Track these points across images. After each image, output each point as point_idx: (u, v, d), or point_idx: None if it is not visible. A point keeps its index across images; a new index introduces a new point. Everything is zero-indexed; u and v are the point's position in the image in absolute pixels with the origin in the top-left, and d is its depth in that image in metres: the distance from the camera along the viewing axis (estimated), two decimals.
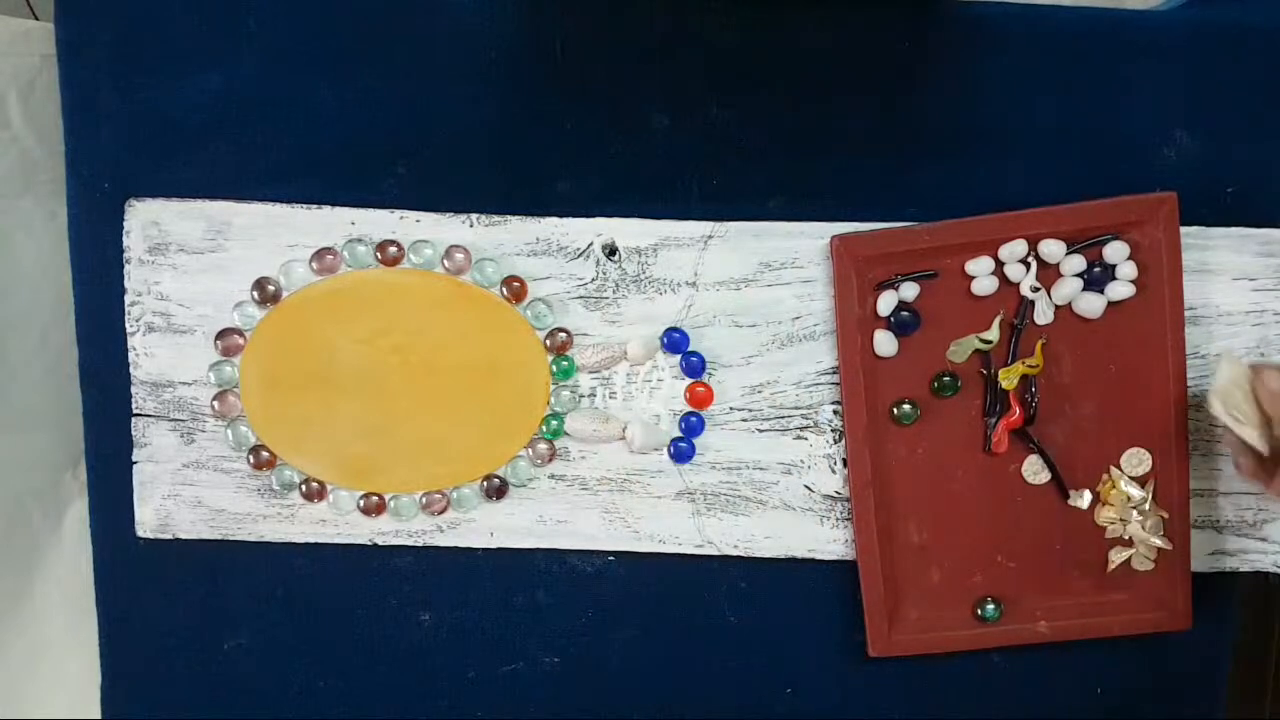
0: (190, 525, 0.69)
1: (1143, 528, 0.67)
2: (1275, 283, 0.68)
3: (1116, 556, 0.68)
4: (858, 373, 0.66)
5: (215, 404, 0.67)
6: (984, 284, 0.66)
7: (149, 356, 0.67)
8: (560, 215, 0.67)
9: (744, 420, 0.68)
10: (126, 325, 0.67)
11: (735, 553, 0.69)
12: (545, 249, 0.67)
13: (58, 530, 0.73)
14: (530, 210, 0.67)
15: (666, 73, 0.67)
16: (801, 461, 0.68)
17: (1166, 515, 0.67)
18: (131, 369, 0.67)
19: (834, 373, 0.68)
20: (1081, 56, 0.67)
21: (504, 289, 0.66)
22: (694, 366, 0.67)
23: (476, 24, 0.66)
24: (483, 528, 0.69)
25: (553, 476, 0.69)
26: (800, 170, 0.68)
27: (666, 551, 0.69)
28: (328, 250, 0.66)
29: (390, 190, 0.67)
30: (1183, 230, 0.65)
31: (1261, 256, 0.67)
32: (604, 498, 0.69)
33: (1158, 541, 0.67)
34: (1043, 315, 0.66)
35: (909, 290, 0.66)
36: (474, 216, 0.66)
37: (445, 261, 0.66)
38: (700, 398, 0.67)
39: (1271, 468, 0.58)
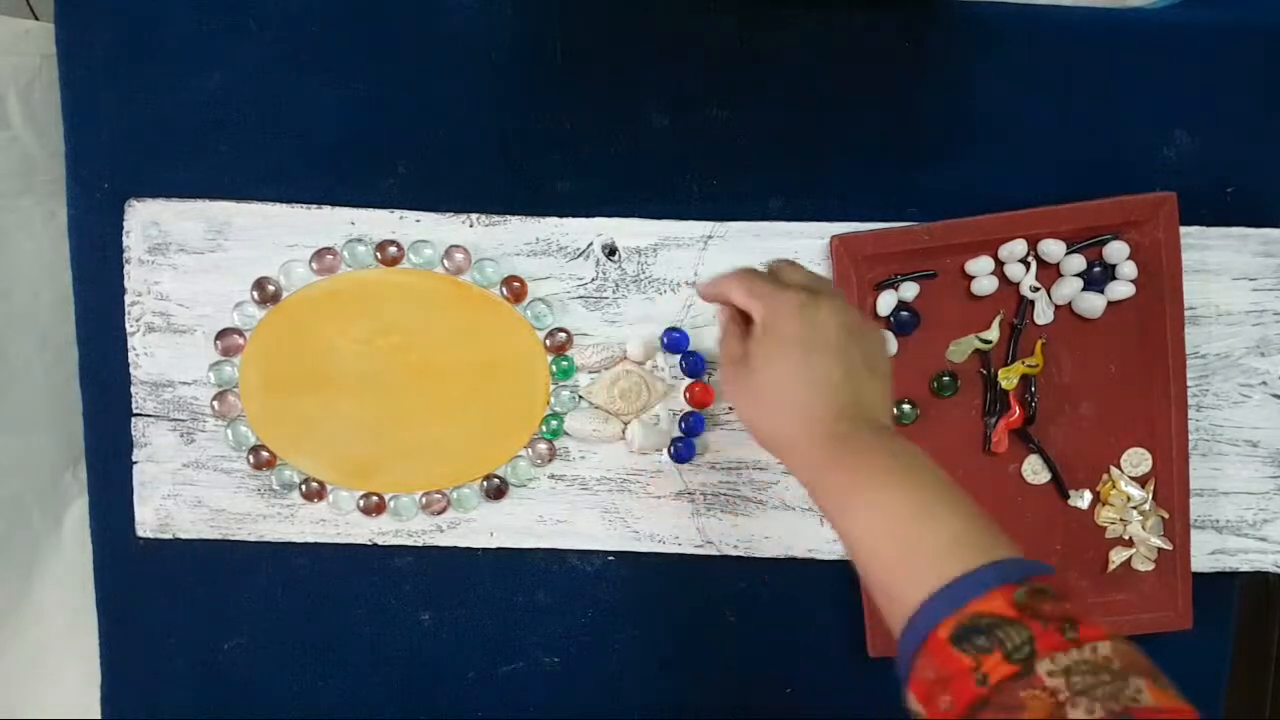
0: (190, 525, 0.69)
1: (1143, 528, 0.67)
2: (1275, 283, 0.68)
3: (1116, 556, 0.68)
4: None
5: (215, 404, 0.67)
6: (984, 284, 0.66)
7: (149, 356, 0.67)
8: (560, 215, 0.66)
9: None
10: (126, 325, 0.67)
11: (735, 553, 0.69)
12: (545, 249, 0.67)
13: (58, 530, 0.73)
14: (530, 210, 0.66)
15: (666, 73, 0.67)
16: None
17: (1166, 515, 0.67)
18: (131, 369, 0.67)
19: None
20: (1081, 56, 0.67)
21: (504, 289, 0.66)
22: (694, 366, 0.67)
23: (476, 24, 0.66)
24: (483, 528, 0.69)
25: (553, 476, 0.69)
26: (800, 170, 0.67)
27: (666, 551, 0.69)
28: (328, 250, 0.66)
29: (390, 190, 0.67)
30: (1183, 230, 0.65)
31: (1261, 256, 0.67)
32: (604, 498, 0.69)
33: (1158, 541, 0.67)
34: (1043, 315, 0.66)
35: (909, 290, 0.66)
36: (474, 216, 0.66)
37: (445, 261, 0.66)
38: (700, 398, 0.67)
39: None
